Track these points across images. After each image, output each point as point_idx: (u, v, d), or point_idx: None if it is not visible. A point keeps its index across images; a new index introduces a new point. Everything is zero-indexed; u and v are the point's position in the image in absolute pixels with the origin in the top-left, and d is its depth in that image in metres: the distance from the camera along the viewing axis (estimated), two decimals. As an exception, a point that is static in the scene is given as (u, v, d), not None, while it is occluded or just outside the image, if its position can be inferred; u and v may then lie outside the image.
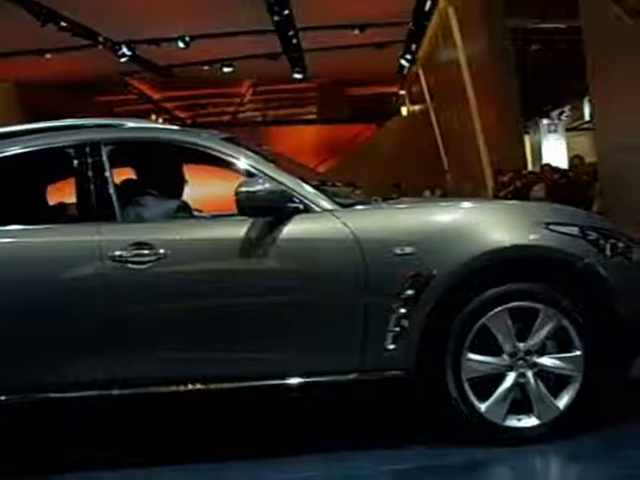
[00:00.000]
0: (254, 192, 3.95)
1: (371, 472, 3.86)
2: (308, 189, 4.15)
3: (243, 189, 3.96)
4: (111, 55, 21.04)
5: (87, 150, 4.22)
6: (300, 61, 23.84)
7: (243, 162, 4.21)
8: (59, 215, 4.74)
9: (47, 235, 4.19)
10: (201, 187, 5.32)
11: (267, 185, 3.99)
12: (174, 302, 4.01)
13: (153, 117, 29.05)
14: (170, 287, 4.00)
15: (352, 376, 3.96)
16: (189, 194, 4.76)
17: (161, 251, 3.98)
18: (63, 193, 6.13)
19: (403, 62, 24.60)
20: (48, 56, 20.01)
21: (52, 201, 5.49)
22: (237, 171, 4.23)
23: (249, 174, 4.13)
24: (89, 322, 4.01)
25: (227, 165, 4.28)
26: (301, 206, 4.06)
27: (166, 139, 4.42)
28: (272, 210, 4.00)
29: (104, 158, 4.21)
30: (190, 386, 4.01)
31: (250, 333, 4.02)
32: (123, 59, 21.40)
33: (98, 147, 4.23)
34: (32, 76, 22.04)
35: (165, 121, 28.42)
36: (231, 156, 4.25)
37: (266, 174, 4.11)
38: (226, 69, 24.00)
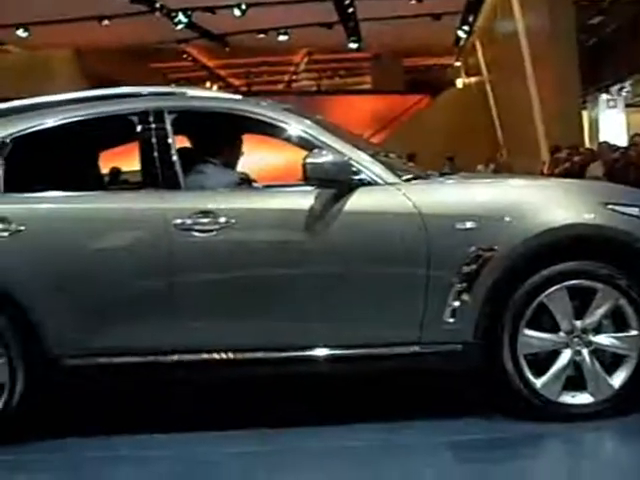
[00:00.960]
0: (320, 164, 3.99)
1: (428, 443, 3.94)
2: (372, 162, 4.18)
3: (310, 160, 4.00)
4: (167, 22, 21.11)
5: (151, 118, 4.29)
6: (356, 30, 23.69)
7: (306, 133, 4.25)
8: (123, 182, 4.84)
9: (112, 202, 4.30)
10: (256, 157, 5.37)
11: (333, 157, 4.03)
12: (237, 271, 4.09)
13: (207, 84, 29.19)
14: (234, 256, 4.07)
15: (412, 349, 4.02)
16: (246, 163, 4.83)
17: (225, 220, 4.05)
18: (125, 160, 6.27)
19: (460, 33, 24.30)
20: (106, 22, 20.15)
21: (114, 168, 5.62)
22: (300, 142, 4.26)
23: (313, 146, 4.15)
24: (152, 289, 4.11)
25: (289, 136, 4.31)
26: (365, 179, 4.11)
27: (229, 109, 4.46)
28: (337, 182, 4.05)
29: (167, 126, 4.27)
30: (249, 354, 4.09)
31: (311, 304, 4.09)
32: (179, 26, 21.46)
33: (162, 115, 4.29)
34: (90, 43, 22.25)
35: (219, 89, 28.52)
36: (295, 127, 4.29)
37: (330, 146, 4.15)
38: (281, 37, 23.93)
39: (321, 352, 4.06)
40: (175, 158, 4.23)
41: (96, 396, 4.68)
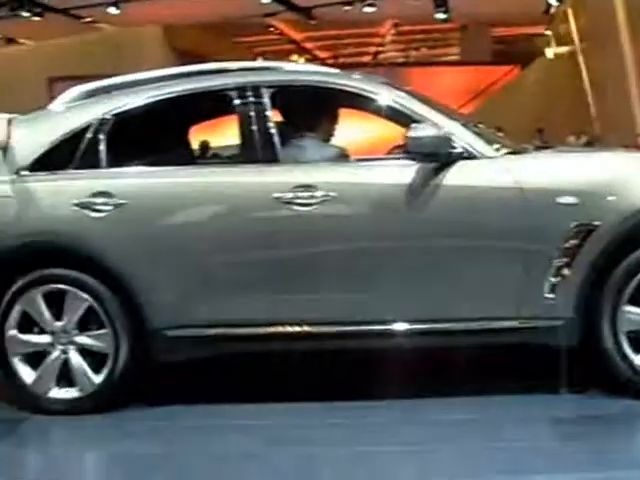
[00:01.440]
0: (422, 138, 3.98)
1: (526, 417, 3.93)
2: (471, 136, 4.16)
3: (411, 134, 4.00)
4: (254, -5, 21.16)
5: (249, 93, 4.33)
6: (443, 0, 23.33)
7: (405, 107, 4.23)
8: (213, 155, 4.91)
9: (213, 176, 4.36)
10: (349, 130, 5.36)
11: (434, 131, 4.02)
12: (337, 244, 4.12)
13: (294, 57, 29.20)
14: (333, 229, 4.11)
15: (510, 323, 4.01)
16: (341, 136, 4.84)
17: (325, 194, 4.08)
18: (214, 133, 6.34)
19: (551, 1, 23.68)
20: (194, -3, 20.29)
21: (213, 142, 5.70)
22: (398, 116, 4.25)
23: (411, 120, 4.14)
24: (250, 262, 4.18)
25: (388, 110, 4.30)
26: (464, 153, 4.08)
27: (326, 82, 4.46)
28: (437, 156, 4.04)
29: (265, 101, 4.31)
30: (350, 327, 4.13)
31: (411, 278, 4.10)
32: (266, 0, 21.49)
33: (259, 90, 4.33)
34: (178, 18, 22.47)
35: (306, 62, 28.54)
36: (393, 101, 4.28)
37: (430, 120, 4.14)
38: (368, 9, 23.71)
39: (420, 326, 4.08)
40: (273, 132, 4.27)
41: (198, 366, 4.78)
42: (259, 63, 4.98)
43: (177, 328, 4.21)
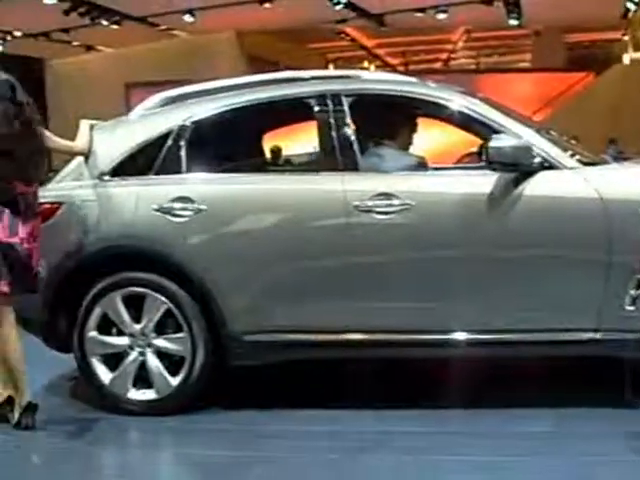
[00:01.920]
0: (503, 148, 3.97)
1: (607, 431, 3.86)
2: (551, 146, 4.13)
3: (493, 144, 3.99)
4: (326, 2, 21.23)
5: (328, 101, 4.36)
6: (516, 6, 23.04)
7: (485, 117, 4.22)
8: (298, 163, 4.94)
9: (292, 183, 4.39)
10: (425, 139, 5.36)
11: (515, 141, 4.00)
12: (416, 252, 4.12)
13: (365, 64, 29.20)
14: (413, 238, 4.11)
15: (589, 335, 3.96)
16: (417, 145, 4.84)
17: (405, 202, 4.09)
18: (293, 141, 6.39)
19: (629, 4, 23.20)
20: (267, 5, 20.46)
21: (294, 150, 5.74)
22: (477, 126, 4.26)
23: (491, 129, 4.14)
24: (329, 269, 4.20)
25: (467, 120, 4.30)
26: (545, 163, 4.06)
27: (405, 91, 4.46)
28: (518, 166, 4.01)
29: (345, 109, 4.33)
30: (425, 336, 4.13)
31: (491, 288, 4.08)
32: (338, 7, 21.54)
33: (339, 98, 4.36)
34: (251, 25, 22.66)
35: (377, 68, 28.50)
36: (473, 111, 4.27)
37: (510, 130, 4.13)
38: (440, 15, 23.58)
39: (497, 336, 4.06)
40: (353, 141, 4.29)
41: (265, 372, 4.82)
42: (338, 72, 5.01)
43: (254, 333, 4.26)
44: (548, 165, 4.05)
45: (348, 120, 4.33)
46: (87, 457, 4.02)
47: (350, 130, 4.32)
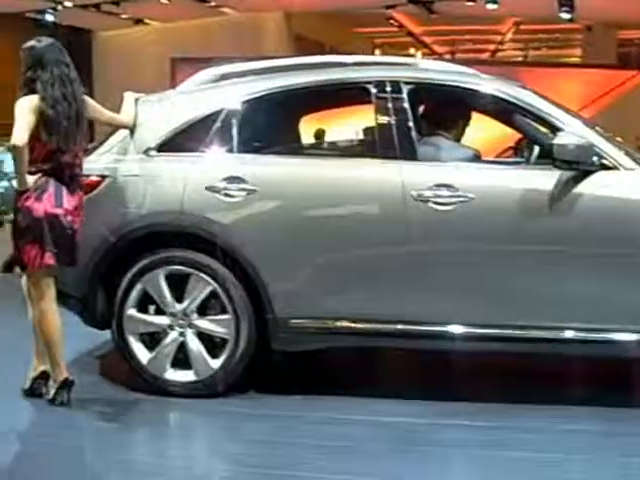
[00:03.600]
0: (568, 145, 3.89)
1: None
2: (611, 146, 4.05)
3: (557, 142, 3.90)
4: (377, -14, 21.08)
5: (387, 88, 4.25)
6: (569, 0, 22.70)
7: (544, 113, 4.13)
8: (354, 148, 4.84)
9: (349, 169, 4.28)
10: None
11: (579, 140, 3.92)
12: (475, 245, 4.03)
13: (411, 51, 28.98)
14: (472, 231, 4.02)
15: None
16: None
17: (465, 194, 4.00)
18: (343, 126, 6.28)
19: (684, 4, 22.73)
20: (318, -14, 20.36)
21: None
22: (537, 122, 4.19)
23: (551, 127, 4.06)
24: (382, 258, 4.11)
25: (524, 115, 4.21)
26: (605, 163, 3.98)
27: (464, 83, 4.35)
28: (580, 165, 3.94)
29: (404, 97, 4.23)
30: (477, 330, 4.04)
31: (547, 285, 3.99)
32: (388, -9, 21.36)
33: (398, 85, 4.25)
34: (300, 6, 22.56)
35: (423, 55, 28.25)
36: (531, 106, 4.16)
37: (572, 128, 4.04)
38: (490, 5, 23.28)
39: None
40: (412, 129, 4.19)
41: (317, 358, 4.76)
42: (397, 58, 4.90)
43: (301, 318, 4.17)
44: (609, 165, 3.98)
45: (407, 108, 4.22)
46: (122, 438, 3.95)
47: (408, 118, 4.22)
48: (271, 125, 4.58)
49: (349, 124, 6.12)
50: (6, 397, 4.37)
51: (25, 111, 4.05)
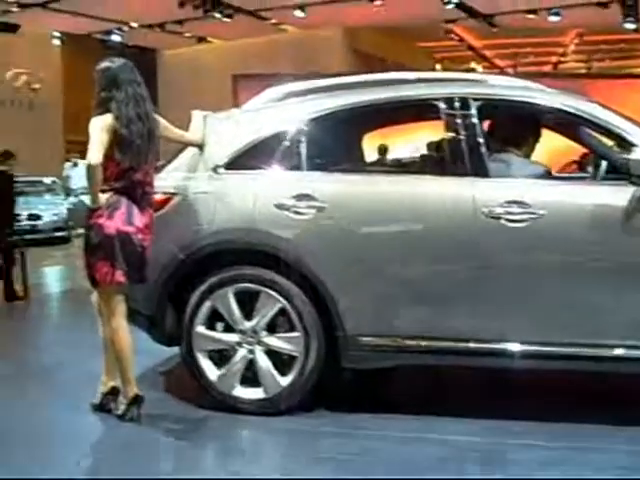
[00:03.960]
0: None
1: None
2: None
3: (634, 157, 3.84)
4: (437, 2, 21.02)
5: (456, 104, 4.22)
6: (634, 10, 22.32)
7: (618, 128, 4.05)
8: (421, 165, 4.81)
9: (418, 186, 4.23)
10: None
11: None
12: (547, 262, 3.98)
13: (472, 64, 28.80)
14: (544, 247, 3.97)
15: None
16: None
17: (537, 211, 3.95)
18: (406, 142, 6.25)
19: None
20: (378, 2, 20.41)
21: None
22: (609, 137, 4.12)
23: (624, 142, 3.99)
24: (453, 275, 4.07)
25: (598, 131, 4.14)
26: None
27: (533, 98, 4.30)
28: None
29: (473, 113, 4.19)
30: (549, 348, 3.99)
31: (614, 299, 3.92)
32: (449, 6, 21.28)
33: (467, 102, 4.22)
34: (360, 21, 22.63)
35: (484, 69, 28.06)
36: (603, 121, 4.09)
37: None
38: (552, 17, 23.05)
39: (616, 351, 3.93)
40: (482, 146, 4.15)
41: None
42: (465, 75, 4.86)
43: (372, 336, 4.14)
44: None
45: (476, 124, 4.19)
46: (191, 455, 3.96)
47: (478, 135, 4.18)
48: (338, 142, 4.58)
49: (412, 140, 6.10)
50: (76, 412, 4.43)
51: (99, 130, 4.12)
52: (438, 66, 28.40)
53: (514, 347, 4.00)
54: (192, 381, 4.49)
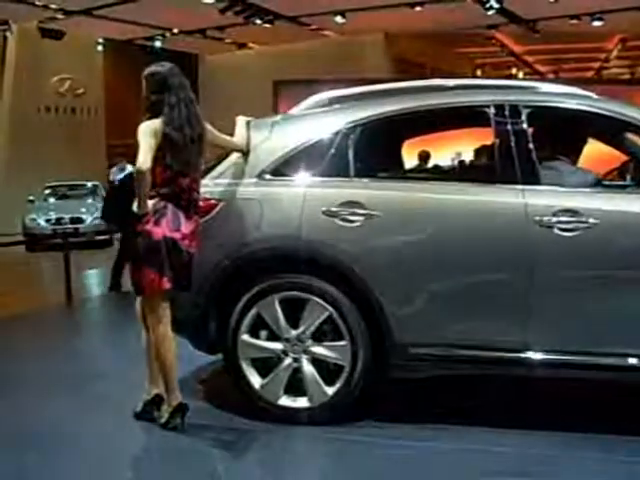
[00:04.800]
0: None
1: None
2: None
3: None
4: (478, 8, 20.90)
5: (506, 112, 4.16)
6: (679, 15, 22.00)
7: None
8: (475, 174, 4.74)
9: (469, 194, 4.17)
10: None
11: None
12: (598, 272, 3.91)
13: (513, 71, 28.62)
14: (598, 258, 3.90)
15: None
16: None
17: (590, 220, 3.88)
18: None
19: None
20: (418, 8, 20.35)
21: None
22: None
23: None
24: (508, 283, 3.99)
25: None
26: None
27: (585, 106, 4.23)
28: None
29: (523, 120, 4.13)
30: (601, 359, 3.92)
31: None
32: (490, 12, 21.15)
33: (517, 109, 4.16)
34: (400, 28, 22.58)
35: (525, 75, 27.86)
36: None
37: None
38: (595, 23, 22.81)
39: None
40: (533, 153, 4.08)
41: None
42: (514, 82, 4.79)
43: (422, 346, 4.09)
44: None
45: (527, 132, 4.13)
46: (233, 465, 3.90)
47: (529, 142, 4.12)
48: (385, 149, 4.53)
49: (450, 147, 6.02)
50: (119, 420, 4.42)
51: (148, 135, 4.07)
52: (479, 72, 28.24)
53: (566, 358, 3.94)
54: (233, 389, 4.44)
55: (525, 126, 4.12)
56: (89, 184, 18.06)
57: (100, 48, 22.40)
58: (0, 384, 5.40)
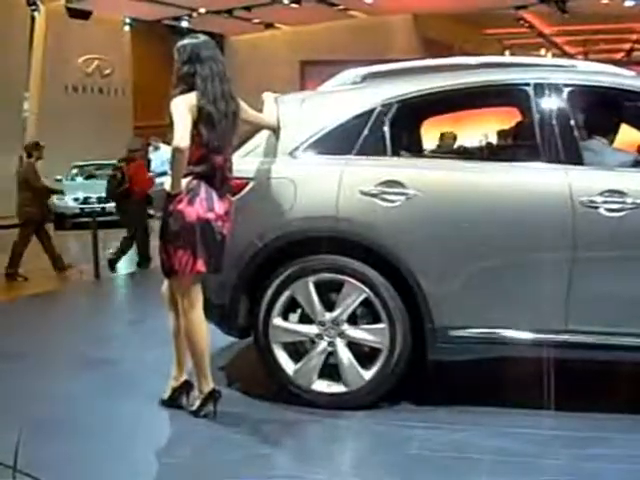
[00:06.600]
0: None
1: None
2: None
3: None
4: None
5: (547, 90, 4.06)
6: None
7: None
8: (518, 153, 4.61)
9: (510, 172, 4.06)
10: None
11: None
12: None
13: (542, 52, 28.33)
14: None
15: None
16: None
17: (635, 200, 3.81)
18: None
19: None
20: (446, -12, 20.22)
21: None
22: None
23: None
24: (548, 266, 3.88)
25: None
26: None
27: (626, 85, 4.11)
28: None
29: (564, 99, 4.03)
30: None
31: None
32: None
33: (558, 88, 4.05)
34: (428, 8, 22.39)
35: (554, 56, 27.54)
36: None
37: None
38: (628, 3, 22.47)
39: None
40: (575, 133, 3.99)
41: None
42: (553, 60, 4.66)
43: (462, 328, 3.97)
44: None
45: (568, 112, 4.01)
46: (268, 453, 3.76)
47: (571, 122, 4.02)
48: (421, 127, 4.40)
49: (476, 127, 5.87)
50: (148, 406, 4.29)
51: (183, 112, 3.91)
52: (507, 53, 27.98)
53: (609, 339, 3.85)
54: (262, 374, 4.32)
55: (566, 105, 4.01)
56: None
57: (127, 28, 22.35)
58: (34, 361, 5.39)
